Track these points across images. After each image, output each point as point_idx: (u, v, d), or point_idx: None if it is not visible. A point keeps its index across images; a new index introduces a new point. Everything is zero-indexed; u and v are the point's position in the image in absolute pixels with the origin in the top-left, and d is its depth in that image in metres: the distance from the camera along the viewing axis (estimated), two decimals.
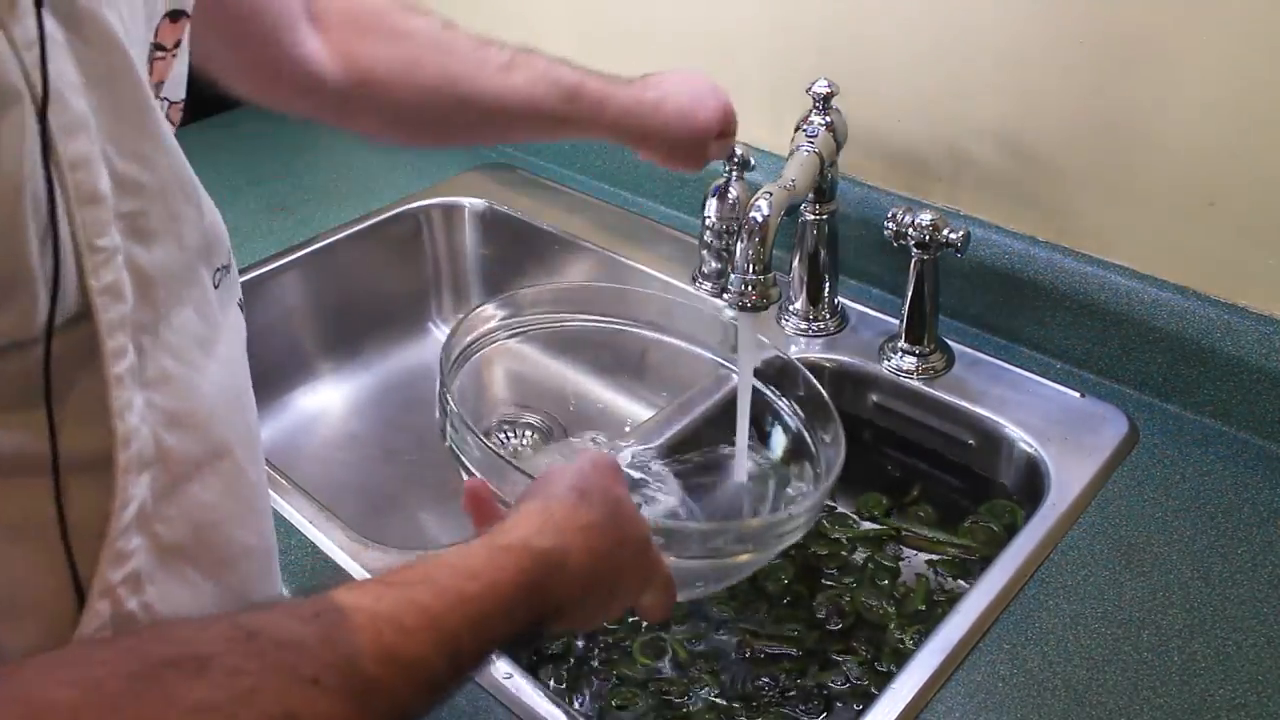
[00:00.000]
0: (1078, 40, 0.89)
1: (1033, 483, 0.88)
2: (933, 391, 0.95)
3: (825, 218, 0.99)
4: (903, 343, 0.97)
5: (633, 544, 0.56)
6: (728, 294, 0.80)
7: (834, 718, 0.79)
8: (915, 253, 0.93)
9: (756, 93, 1.13)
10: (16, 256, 0.39)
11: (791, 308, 1.03)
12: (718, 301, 1.06)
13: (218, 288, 0.54)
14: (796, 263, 1.01)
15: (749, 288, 0.78)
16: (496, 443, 0.93)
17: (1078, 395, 0.93)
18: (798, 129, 0.93)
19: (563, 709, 0.70)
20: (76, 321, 0.43)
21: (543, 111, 0.86)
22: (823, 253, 1.00)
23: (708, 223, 1.06)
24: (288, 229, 1.25)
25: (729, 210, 1.05)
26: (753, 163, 1.03)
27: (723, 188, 1.04)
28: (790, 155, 0.90)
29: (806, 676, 0.81)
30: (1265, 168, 0.83)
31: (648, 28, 1.20)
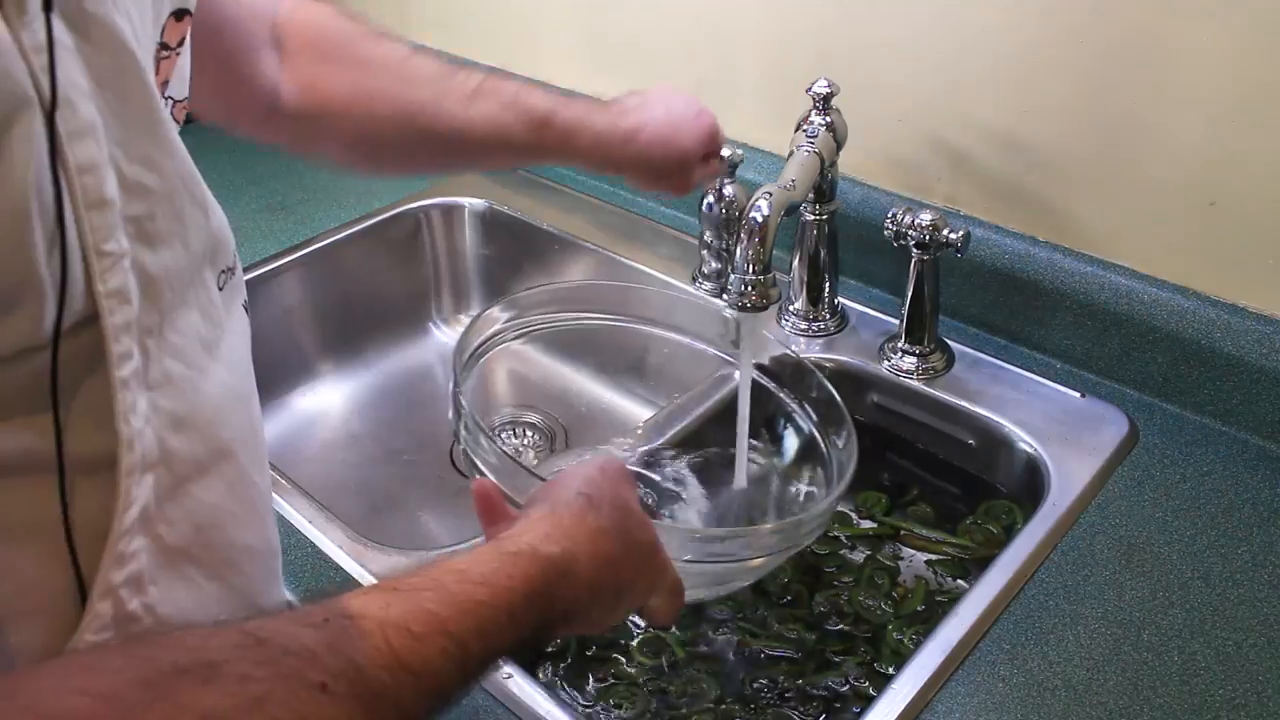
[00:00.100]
0: (1078, 40, 0.89)
1: (1033, 483, 0.88)
2: (932, 391, 0.95)
3: (825, 218, 0.99)
4: (903, 343, 0.97)
5: (641, 549, 0.56)
6: (728, 294, 0.80)
7: (833, 719, 0.79)
8: (915, 253, 0.93)
9: (756, 93, 1.13)
10: (25, 262, 0.39)
11: (791, 308, 1.03)
12: (718, 302, 1.06)
13: (222, 289, 0.54)
14: (796, 263, 1.01)
15: (749, 288, 0.78)
16: (501, 443, 0.93)
17: (1078, 395, 0.93)
18: (798, 129, 0.93)
19: (561, 708, 0.70)
20: (83, 325, 0.43)
21: (510, 141, 0.83)
22: (823, 253, 1.00)
23: (708, 222, 1.06)
24: (287, 229, 1.25)
25: (727, 210, 1.05)
26: (739, 157, 1.02)
27: (718, 190, 1.04)
28: (790, 155, 0.90)
29: (805, 677, 0.81)
30: (1265, 168, 0.83)
31: (648, 27, 1.20)
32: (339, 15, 0.81)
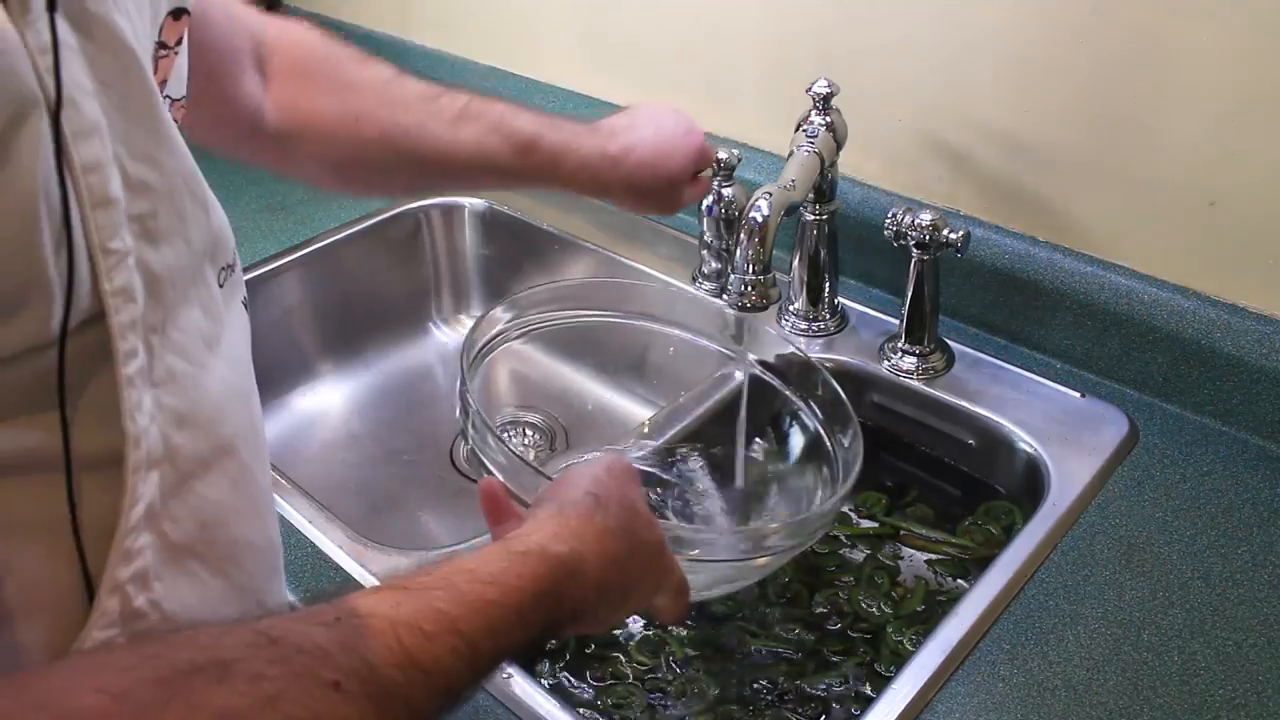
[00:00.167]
0: (1078, 40, 0.89)
1: (1033, 483, 0.88)
2: (932, 391, 0.95)
3: (825, 218, 0.99)
4: (903, 343, 0.97)
5: (648, 548, 0.56)
6: (728, 294, 0.80)
7: (832, 719, 0.79)
8: (915, 253, 0.93)
9: (756, 93, 1.13)
10: (35, 262, 0.40)
11: (791, 308, 1.03)
12: (718, 302, 1.06)
13: (223, 286, 0.54)
14: (796, 263, 1.01)
15: (749, 288, 0.78)
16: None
17: (1078, 395, 0.93)
18: (798, 129, 0.93)
19: (561, 708, 0.70)
20: (89, 323, 0.43)
21: (494, 165, 0.83)
22: (823, 253, 1.00)
23: (708, 222, 1.06)
24: (287, 229, 1.25)
25: (727, 210, 1.05)
26: (737, 158, 1.02)
27: (718, 190, 1.04)
28: (790, 155, 0.90)
29: (805, 678, 0.81)
30: (1265, 168, 0.83)
31: (648, 27, 1.20)
32: (323, 38, 0.82)
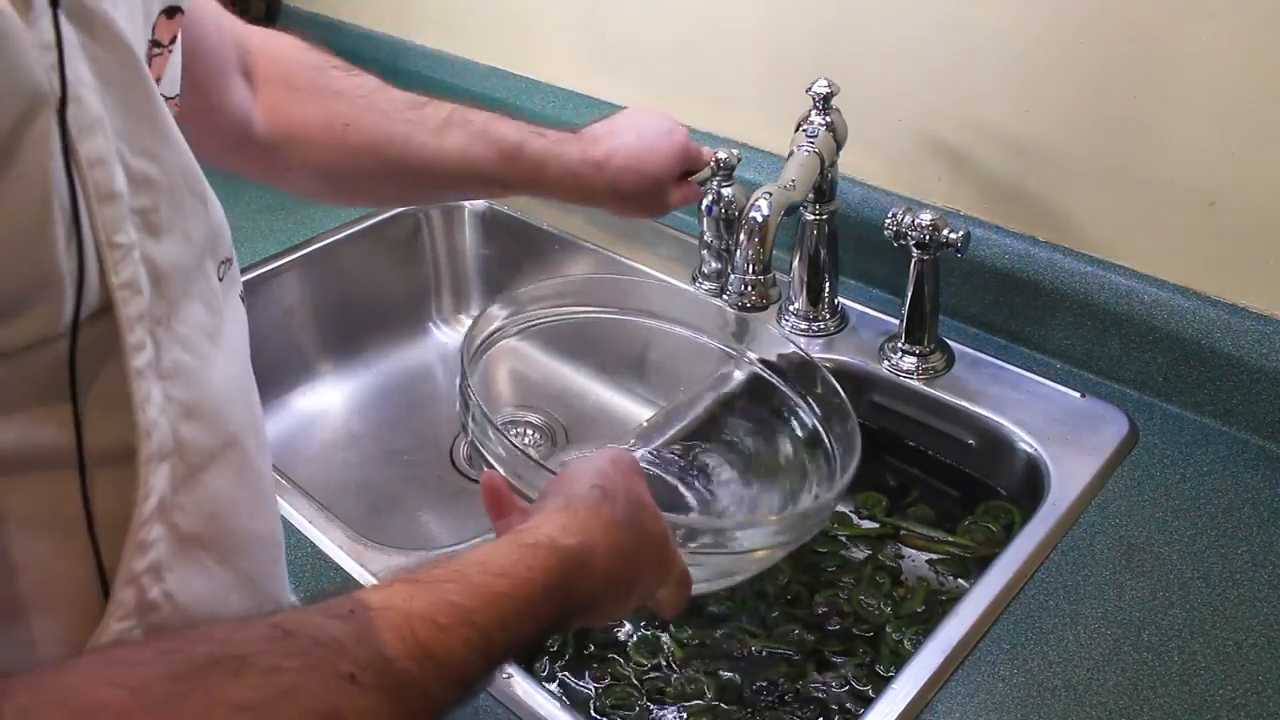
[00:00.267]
0: (1078, 40, 0.89)
1: (1033, 483, 0.88)
2: (933, 391, 0.95)
3: (825, 218, 0.99)
4: (903, 343, 0.97)
5: (653, 540, 0.57)
6: (727, 294, 0.80)
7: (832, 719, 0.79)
8: (915, 253, 0.93)
9: (756, 93, 1.13)
10: (48, 258, 0.40)
11: (791, 308, 1.03)
12: (718, 302, 1.06)
13: (222, 280, 0.55)
14: (796, 263, 1.01)
15: (749, 288, 0.78)
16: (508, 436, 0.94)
17: (1078, 395, 0.93)
18: (798, 129, 0.93)
19: (561, 708, 0.70)
20: (97, 317, 0.44)
21: (479, 173, 0.84)
22: (823, 253, 1.00)
23: (708, 222, 1.06)
24: (287, 229, 1.25)
25: (727, 210, 1.05)
26: (736, 158, 1.02)
27: (718, 190, 1.04)
28: (790, 155, 0.90)
29: (805, 678, 0.81)
30: (1265, 168, 0.83)
31: (648, 27, 1.20)
32: (309, 48, 0.82)
